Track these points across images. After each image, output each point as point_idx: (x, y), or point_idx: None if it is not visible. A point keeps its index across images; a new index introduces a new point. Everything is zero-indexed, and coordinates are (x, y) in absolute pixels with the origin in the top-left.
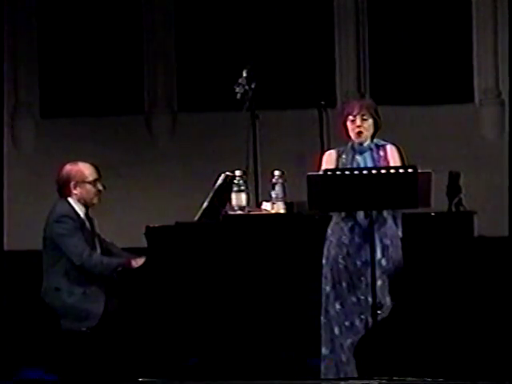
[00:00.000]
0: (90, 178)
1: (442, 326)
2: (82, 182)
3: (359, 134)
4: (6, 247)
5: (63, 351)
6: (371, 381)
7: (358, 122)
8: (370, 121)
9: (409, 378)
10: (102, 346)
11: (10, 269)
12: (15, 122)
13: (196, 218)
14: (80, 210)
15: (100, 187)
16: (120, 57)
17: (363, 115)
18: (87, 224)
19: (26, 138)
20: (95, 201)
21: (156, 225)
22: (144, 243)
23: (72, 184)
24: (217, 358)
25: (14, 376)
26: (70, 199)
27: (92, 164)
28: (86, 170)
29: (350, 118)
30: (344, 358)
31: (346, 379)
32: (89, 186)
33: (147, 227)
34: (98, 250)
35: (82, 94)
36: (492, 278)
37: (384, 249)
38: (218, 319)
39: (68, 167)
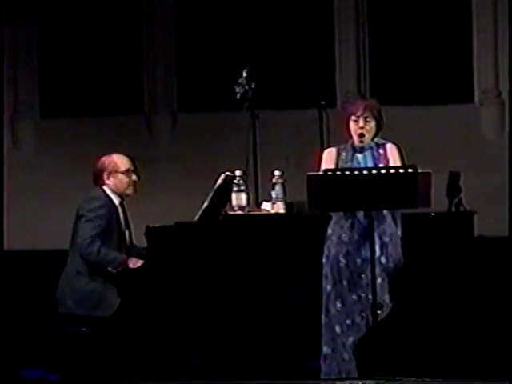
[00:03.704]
0: (123, 168)
1: (442, 326)
2: (114, 172)
3: (361, 136)
4: (5, 247)
5: (63, 351)
6: (371, 381)
7: (361, 123)
8: (373, 123)
9: (409, 378)
10: (101, 345)
11: (10, 269)
12: (15, 122)
13: (196, 218)
14: (115, 198)
15: (134, 177)
16: (120, 57)
17: (366, 117)
18: (120, 214)
19: (26, 138)
20: (129, 191)
21: (156, 225)
22: (144, 243)
23: (105, 174)
24: (217, 358)
25: (15, 376)
26: (104, 187)
27: (126, 155)
28: (118, 160)
29: (353, 118)
30: (346, 357)
31: (345, 379)
32: (121, 176)
33: (147, 227)
34: (127, 243)
35: (82, 94)
36: (492, 278)
37: (383, 246)
38: (218, 319)
39: (102, 158)
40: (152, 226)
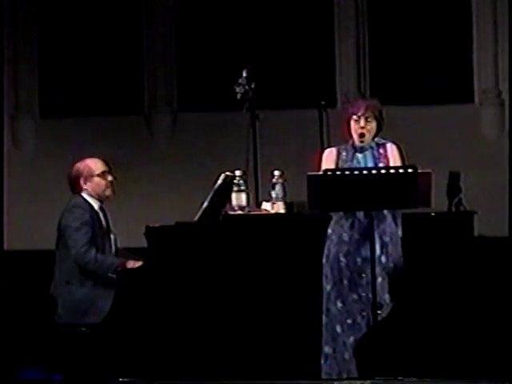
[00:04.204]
0: (98, 171)
1: (442, 326)
2: (90, 176)
3: (361, 136)
4: (5, 247)
5: (63, 351)
6: (371, 380)
7: (362, 123)
8: (374, 123)
9: (410, 378)
10: (101, 345)
11: (10, 269)
12: (15, 122)
13: (196, 218)
14: (94, 203)
15: (110, 178)
16: (120, 57)
17: (367, 117)
18: (101, 217)
19: (26, 138)
20: (108, 193)
21: (156, 225)
22: (144, 243)
23: (81, 180)
24: (217, 358)
25: (14, 376)
26: (83, 193)
27: (100, 158)
28: (92, 164)
29: (354, 117)
30: (347, 356)
31: (344, 379)
32: (97, 179)
33: (147, 227)
34: (113, 247)
35: (82, 94)
36: (492, 277)
37: (383, 245)
38: (218, 319)
39: (76, 164)
40: (152, 225)
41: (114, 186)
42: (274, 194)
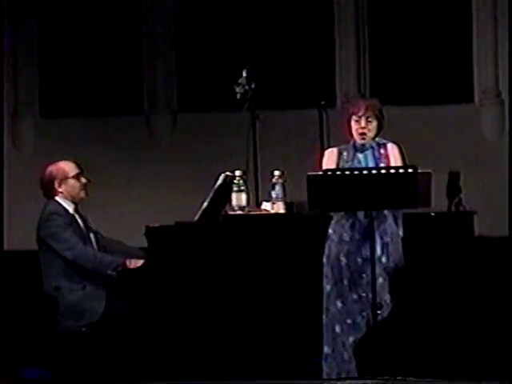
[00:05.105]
0: (72, 174)
1: (443, 326)
2: (64, 178)
3: (362, 135)
4: (5, 247)
5: (63, 351)
6: (371, 380)
7: (363, 123)
8: (375, 123)
9: (410, 378)
10: (102, 345)
11: (10, 269)
12: (15, 122)
13: (196, 218)
14: (69, 207)
15: (84, 180)
16: (120, 57)
17: (368, 117)
18: (78, 220)
19: (26, 137)
20: (82, 194)
21: (156, 225)
22: (144, 243)
23: (56, 183)
24: (217, 358)
25: (14, 376)
26: (57, 198)
27: (72, 160)
28: (66, 166)
29: (355, 117)
30: (346, 356)
31: (345, 379)
32: (72, 181)
33: (147, 227)
34: (95, 246)
35: (82, 94)
36: (492, 278)
37: (384, 246)
38: (218, 319)
39: (49, 168)
40: (152, 226)
41: (88, 188)
42: (274, 194)
